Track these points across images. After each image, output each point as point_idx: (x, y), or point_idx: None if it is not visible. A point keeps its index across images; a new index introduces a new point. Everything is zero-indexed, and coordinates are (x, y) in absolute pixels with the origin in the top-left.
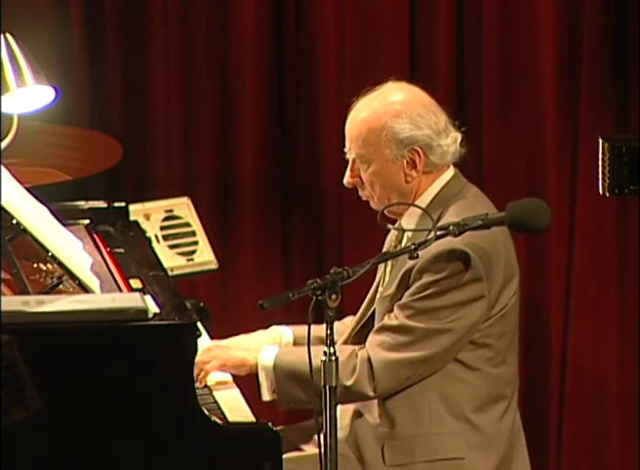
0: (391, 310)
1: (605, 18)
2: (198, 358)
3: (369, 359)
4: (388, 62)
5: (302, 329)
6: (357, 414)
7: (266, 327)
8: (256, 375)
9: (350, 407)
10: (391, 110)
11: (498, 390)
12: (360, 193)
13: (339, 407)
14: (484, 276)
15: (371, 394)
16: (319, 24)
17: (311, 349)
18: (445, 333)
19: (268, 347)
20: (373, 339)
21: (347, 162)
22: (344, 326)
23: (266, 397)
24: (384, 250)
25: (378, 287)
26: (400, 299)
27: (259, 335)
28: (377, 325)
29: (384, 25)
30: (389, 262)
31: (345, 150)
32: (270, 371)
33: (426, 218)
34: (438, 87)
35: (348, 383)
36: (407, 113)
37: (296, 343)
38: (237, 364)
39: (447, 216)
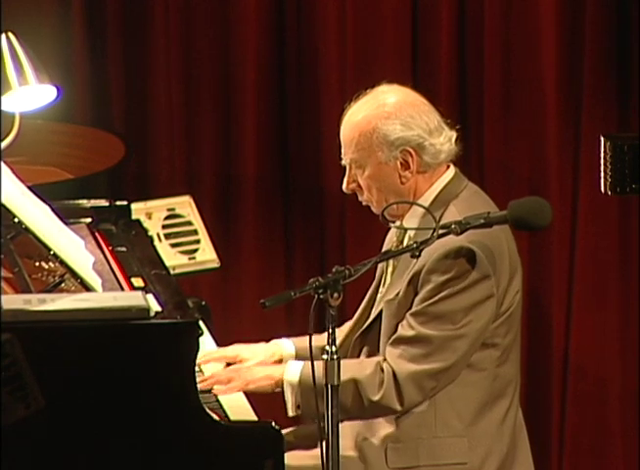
0: (401, 315)
1: (606, 15)
2: (222, 377)
3: (394, 373)
4: (390, 60)
5: (304, 340)
6: (362, 436)
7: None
8: (282, 391)
9: (355, 427)
10: (381, 112)
11: (501, 388)
12: (360, 198)
13: (340, 426)
14: (492, 273)
15: (398, 408)
16: (321, 24)
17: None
18: (461, 338)
19: (294, 361)
20: (392, 351)
21: (345, 168)
22: (342, 332)
23: (291, 412)
24: (383, 250)
25: (378, 288)
26: (411, 303)
27: (259, 346)
28: (385, 329)
29: (386, 25)
30: (391, 263)
31: (342, 156)
32: (296, 386)
33: (428, 218)
34: (440, 86)
35: (376, 398)
36: (397, 114)
37: (297, 355)
38: (264, 384)
39: (448, 215)
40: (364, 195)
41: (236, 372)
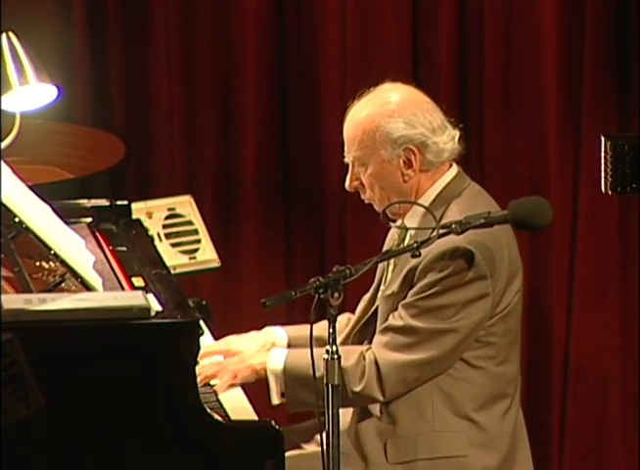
0: (395, 309)
1: (607, 15)
2: (208, 372)
3: (376, 362)
4: (390, 59)
5: (297, 329)
6: (360, 409)
7: (262, 327)
8: (266, 379)
9: (353, 424)
10: (384, 110)
11: (501, 388)
12: (362, 196)
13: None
14: (488, 274)
15: (380, 398)
16: (321, 23)
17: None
18: (450, 333)
19: (277, 349)
20: (378, 340)
21: (348, 166)
22: (340, 325)
23: (275, 400)
24: (384, 249)
25: (379, 285)
26: (404, 298)
27: (251, 336)
28: (381, 325)
29: (386, 23)
30: (392, 261)
31: (345, 154)
32: (280, 375)
33: (429, 217)
34: (441, 85)
35: (357, 389)
36: (400, 112)
37: (290, 344)
38: (246, 374)
39: (449, 214)
40: (366, 193)
41: (220, 365)
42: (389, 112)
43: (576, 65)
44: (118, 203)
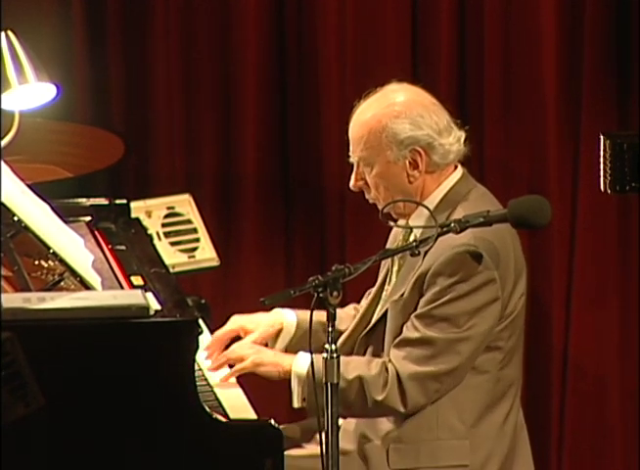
0: (406, 315)
1: (607, 15)
2: (242, 351)
3: (398, 374)
4: (389, 59)
5: (307, 312)
6: (364, 436)
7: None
8: (289, 381)
9: (357, 427)
10: (391, 111)
11: (502, 390)
12: (367, 196)
13: (343, 425)
14: (498, 277)
15: (402, 409)
16: (321, 23)
17: (347, 360)
18: (466, 341)
19: (303, 352)
20: (397, 353)
21: (352, 165)
22: (346, 314)
23: (296, 404)
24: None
25: (383, 286)
26: (416, 304)
27: (259, 315)
28: (391, 329)
29: (386, 23)
30: (397, 262)
31: (350, 154)
32: (303, 379)
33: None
34: (440, 85)
35: (380, 397)
36: (407, 113)
37: (299, 326)
38: (270, 368)
39: (456, 217)
40: (371, 193)
41: (254, 348)
42: (396, 112)
43: (576, 65)
44: (117, 201)
